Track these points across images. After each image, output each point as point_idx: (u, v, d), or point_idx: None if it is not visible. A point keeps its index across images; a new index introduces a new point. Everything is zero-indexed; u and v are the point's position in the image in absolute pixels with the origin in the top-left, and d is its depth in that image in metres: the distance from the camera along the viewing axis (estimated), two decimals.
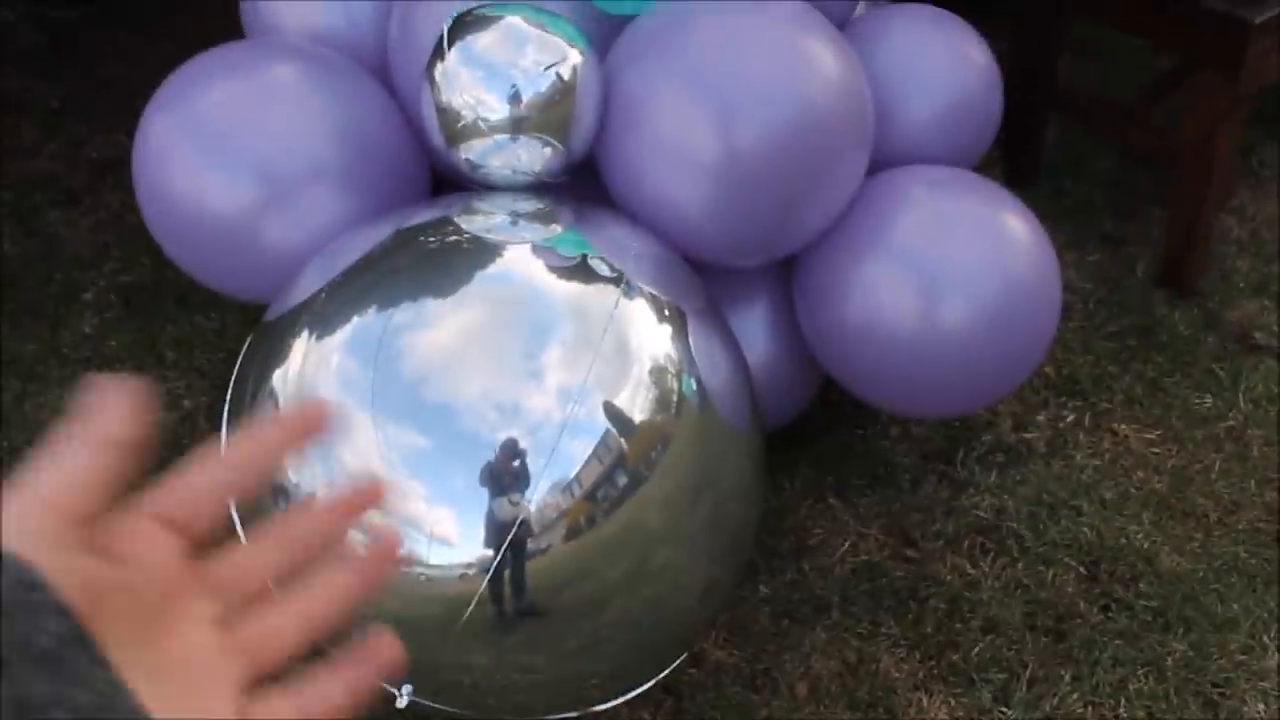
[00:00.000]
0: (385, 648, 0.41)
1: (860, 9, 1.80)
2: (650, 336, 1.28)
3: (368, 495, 0.43)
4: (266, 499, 1.26)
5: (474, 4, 1.40)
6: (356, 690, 0.40)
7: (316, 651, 0.41)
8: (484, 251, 1.32)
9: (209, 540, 0.39)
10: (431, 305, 1.27)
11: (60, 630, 0.31)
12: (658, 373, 1.26)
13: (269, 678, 0.39)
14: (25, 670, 0.29)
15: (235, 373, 1.38)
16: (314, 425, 0.41)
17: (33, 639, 0.30)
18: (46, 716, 0.29)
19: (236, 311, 2.04)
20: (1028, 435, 1.82)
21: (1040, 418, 1.85)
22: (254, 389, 1.30)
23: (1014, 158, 2.27)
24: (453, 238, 1.34)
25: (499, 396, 1.21)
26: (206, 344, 2.00)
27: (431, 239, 1.34)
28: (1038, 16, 2.15)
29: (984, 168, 1.79)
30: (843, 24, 1.68)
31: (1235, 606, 1.58)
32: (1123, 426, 1.84)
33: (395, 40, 1.59)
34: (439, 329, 1.25)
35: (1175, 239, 2.04)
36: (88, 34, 2.75)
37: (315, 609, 0.40)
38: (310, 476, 1.23)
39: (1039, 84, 2.19)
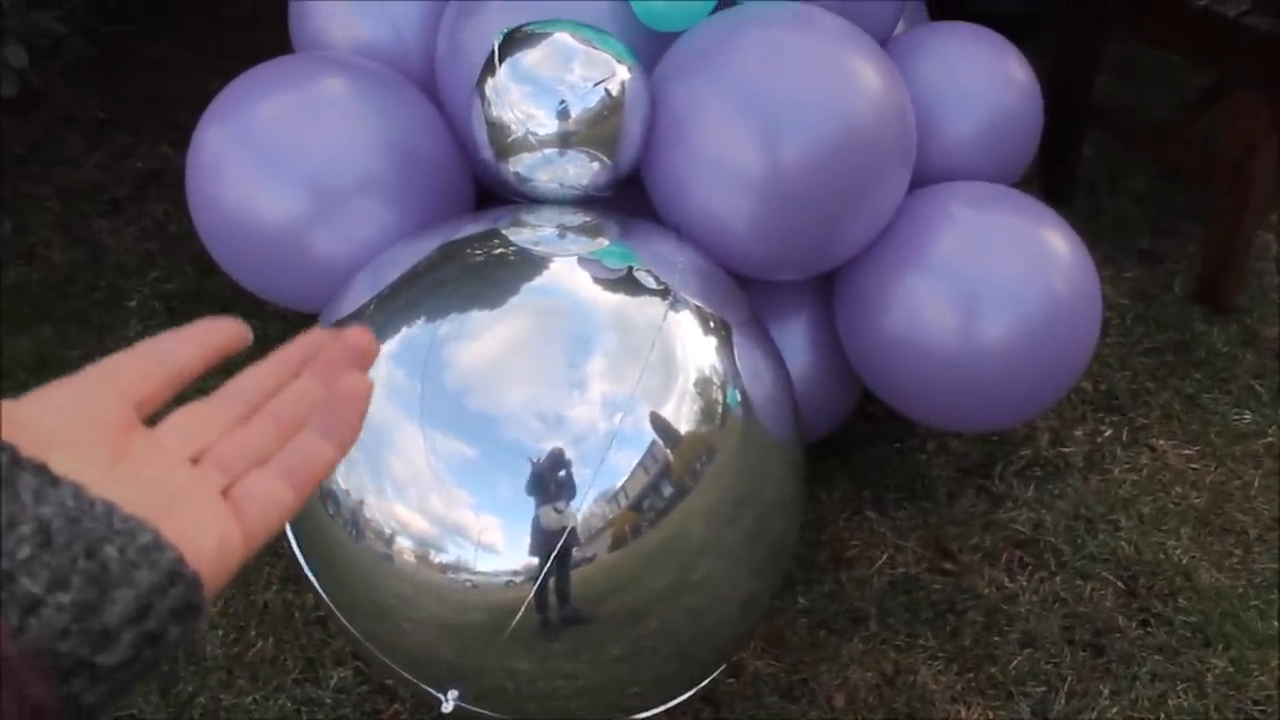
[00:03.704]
0: (356, 355, 0.41)
1: (902, 26, 1.81)
2: (696, 348, 1.29)
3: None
4: (316, 503, 1.28)
5: (523, 20, 1.42)
6: (342, 435, 0.40)
7: None
8: (530, 264, 1.34)
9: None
10: (478, 317, 1.29)
11: (2, 460, 0.32)
12: (703, 384, 1.28)
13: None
14: None
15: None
16: (229, 335, 0.41)
17: None
18: (13, 535, 0.31)
19: (278, 320, 2.07)
20: (1065, 450, 1.83)
21: (1078, 433, 1.85)
22: None
23: (1051, 175, 2.28)
24: (499, 250, 1.36)
25: (546, 407, 1.22)
26: (249, 352, 2.03)
27: (478, 252, 1.36)
28: (1075, 35, 2.16)
29: (1022, 185, 1.79)
30: (884, 40, 1.70)
31: (1276, 623, 1.58)
32: (1161, 442, 1.84)
33: (443, 55, 1.62)
34: (486, 340, 1.27)
35: (1213, 256, 2.04)
36: (136, 48, 2.80)
37: (281, 416, 0.40)
38: (359, 483, 1.25)
39: (1076, 102, 2.19)
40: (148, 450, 0.37)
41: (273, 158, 1.51)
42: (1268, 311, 2.07)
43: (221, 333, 0.41)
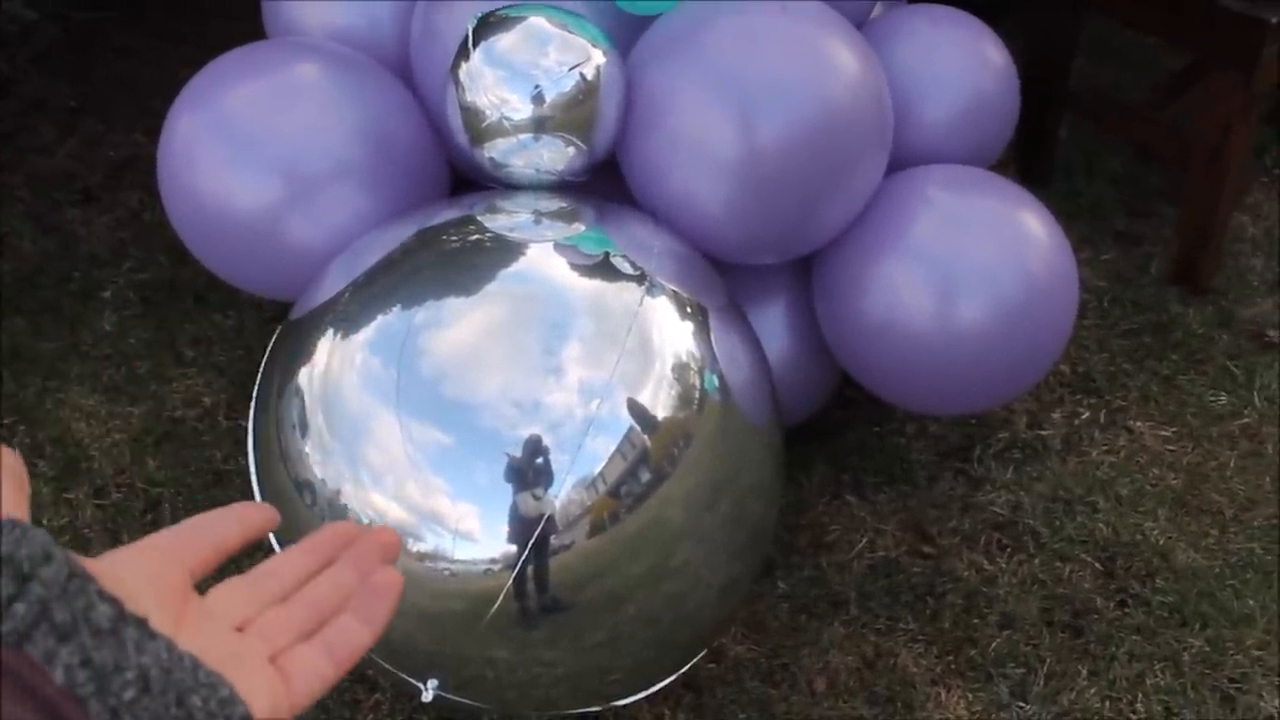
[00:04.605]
0: (384, 550, 0.46)
1: (878, 9, 1.81)
2: (673, 333, 1.29)
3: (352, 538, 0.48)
4: (293, 495, 1.27)
5: (497, 4, 1.41)
6: (377, 622, 0.45)
7: None
8: (507, 250, 1.33)
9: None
10: (454, 304, 1.28)
11: (112, 613, 0.36)
12: (680, 370, 1.27)
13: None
14: (89, 640, 0.35)
15: (261, 370, 1.39)
16: (264, 518, 0.47)
17: (91, 616, 0.35)
18: (120, 679, 0.35)
19: (253, 309, 2.05)
20: (1043, 432, 1.83)
21: (1056, 415, 1.86)
22: (279, 386, 1.32)
23: (1028, 157, 2.28)
24: (475, 237, 1.35)
25: (523, 393, 1.22)
26: (225, 341, 2.02)
27: (454, 238, 1.35)
28: (1051, 17, 2.15)
29: (998, 167, 1.79)
30: (861, 23, 1.69)
31: (1251, 602, 1.59)
32: (1138, 424, 1.85)
33: (417, 40, 1.61)
34: (462, 327, 1.26)
35: (1189, 238, 2.04)
36: (108, 34, 2.77)
37: (319, 600, 0.45)
38: (335, 472, 1.24)
39: (1052, 84, 2.19)
40: (202, 615, 0.41)
41: (245, 145, 1.49)
42: (1243, 293, 2.08)
43: (258, 515, 0.47)
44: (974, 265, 1.47)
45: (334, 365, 1.28)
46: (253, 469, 1.36)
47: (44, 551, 0.35)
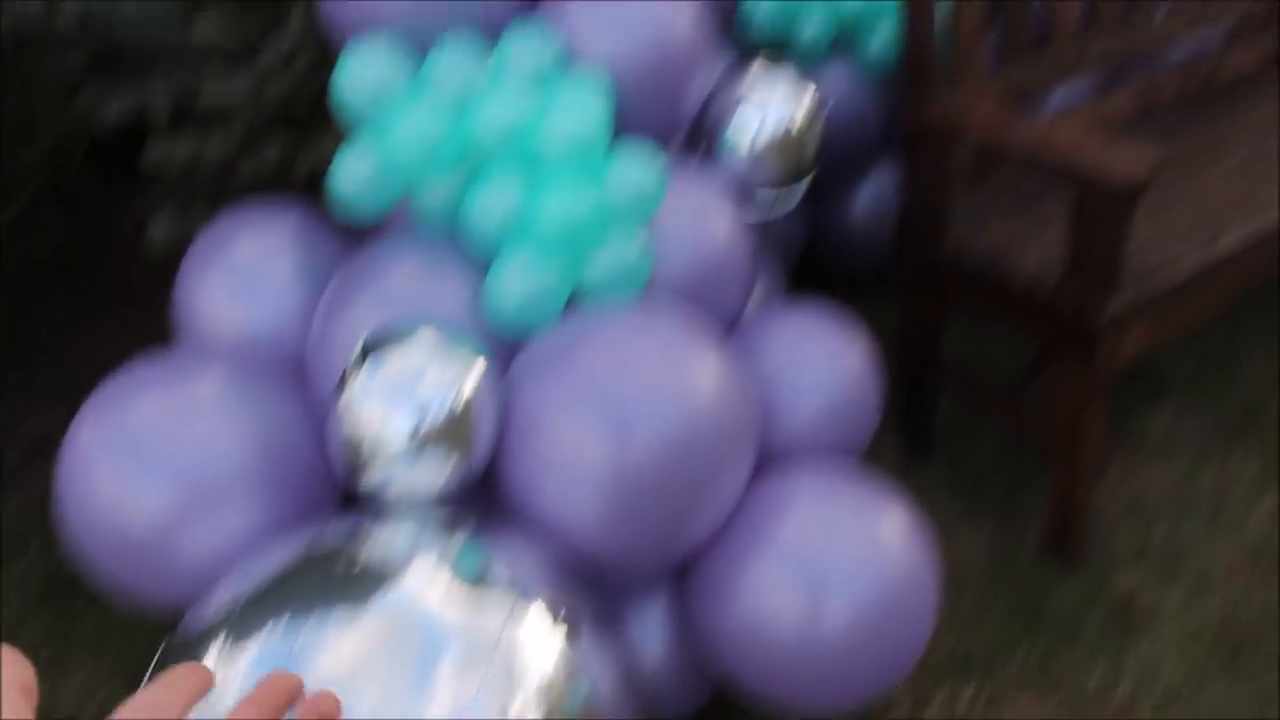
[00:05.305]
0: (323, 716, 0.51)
1: (759, 292, 1.96)
2: (541, 648, 1.34)
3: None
4: None
5: (387, 317, 1.51)
6: None
7: None
8: (383, 573, 1.39)
9: None
10: (332, 627, 1.33)
11: None
12: (547, 684, 1.32)
13: None
14: None
15: (145, 684, 1.41)
16: (204, 683, 0.51)
17: None
18: None
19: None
20: (925, 717, 1.87)
21: (938, 697, 1.91)
22: None
23: (910, 432, 2.41)
24: (355, 559, 1.41)
25: (395, 715, 1.25)
26: (124, 634, 2.02)
27: (335, 561, 1.41)
28: (919, 301, 2.31)
29: (882, 442, 1.86)
30: (737, 318, 1.83)
31: None
32: (1017, 703, 1.90)
33: (312, 347, 1.70)
34: (339, 652, 1.31)
35: (1057, 513, 2.15)
36: (37, 309, 2.87)
37: None
38: None
39: (926, 364, 2.34)
40: None
41: (141, 462, 1.55)
42: (1112, 563, 2.17)
43: (201, 681, 0.52)
44: (837, 567, 1.55)
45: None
46: None
47: None
